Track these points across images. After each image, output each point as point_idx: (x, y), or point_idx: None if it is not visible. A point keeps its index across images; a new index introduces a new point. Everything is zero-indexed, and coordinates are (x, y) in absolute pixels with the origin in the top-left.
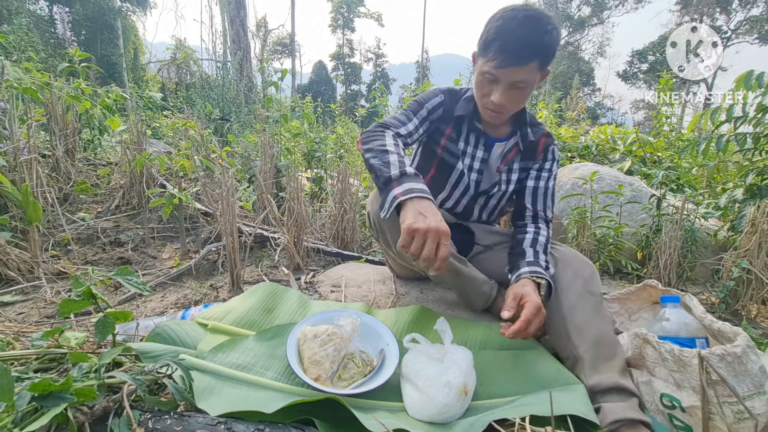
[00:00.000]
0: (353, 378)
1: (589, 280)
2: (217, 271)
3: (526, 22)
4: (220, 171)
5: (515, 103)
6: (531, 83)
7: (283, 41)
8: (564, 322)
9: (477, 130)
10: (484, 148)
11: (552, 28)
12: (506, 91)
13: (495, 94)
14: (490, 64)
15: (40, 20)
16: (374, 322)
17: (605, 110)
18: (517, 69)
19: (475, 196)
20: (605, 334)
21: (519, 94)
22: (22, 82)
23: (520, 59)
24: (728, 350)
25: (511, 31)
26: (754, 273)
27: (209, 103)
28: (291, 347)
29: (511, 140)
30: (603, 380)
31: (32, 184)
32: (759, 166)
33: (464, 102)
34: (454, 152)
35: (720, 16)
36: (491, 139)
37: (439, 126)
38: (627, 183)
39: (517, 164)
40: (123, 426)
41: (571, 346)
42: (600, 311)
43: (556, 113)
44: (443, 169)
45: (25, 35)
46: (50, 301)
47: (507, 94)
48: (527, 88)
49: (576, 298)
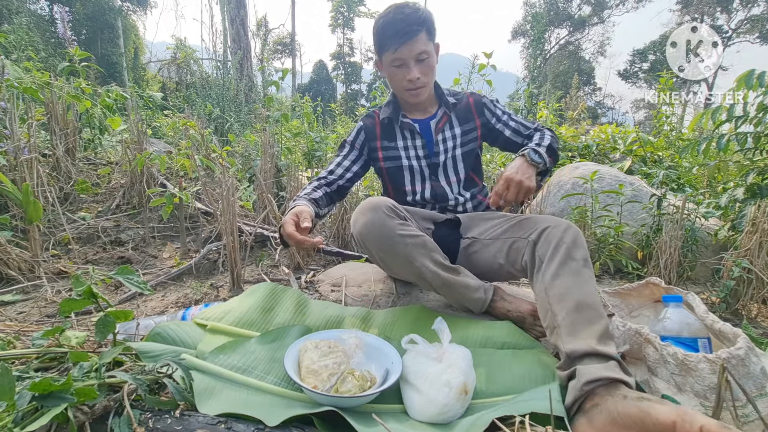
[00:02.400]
0: (350, 392)
1: (571, 245)
2: (218, 270)
3: (399, 8)
4: (220, 170)
5: (426, 73)
6: (431, 52)
7: (283, 41)
8: (546, 291)
9: (406, 124)
10: (420, 136)
11: (417, 5)
12: (415, 65)
13: (409, 73)
14: (391, 52)
15: (40, 20)
16: (380, 342)
17: (606, 110)
18: (411, 42)
19: (433, 176)
20: (586, 297)
21: (426, 64)
22: (23, 81)
23: (409, 34)
24: (732, 353)
25: (391, 20)
26: (755, 272)
27: (209, 102)
28: (290, 355)
29: (438, 112)
30: (580, 345)
31: (33, 183)
32: (760, 165)
33: (385, 108)
34: (395, 156)
35: (721, 16)
36: (423, 123)
37: (369, 144)
38: (627, 182)
39: (456, 129)
40: (123, 425)
41: (551, 314)
42: (582, 275)
43: (557, 113)
44: (395, 173)
45: (25, 34)
46: (51, 300)
47: (418, 68)
48: (429, 58)
49: (558, 266)
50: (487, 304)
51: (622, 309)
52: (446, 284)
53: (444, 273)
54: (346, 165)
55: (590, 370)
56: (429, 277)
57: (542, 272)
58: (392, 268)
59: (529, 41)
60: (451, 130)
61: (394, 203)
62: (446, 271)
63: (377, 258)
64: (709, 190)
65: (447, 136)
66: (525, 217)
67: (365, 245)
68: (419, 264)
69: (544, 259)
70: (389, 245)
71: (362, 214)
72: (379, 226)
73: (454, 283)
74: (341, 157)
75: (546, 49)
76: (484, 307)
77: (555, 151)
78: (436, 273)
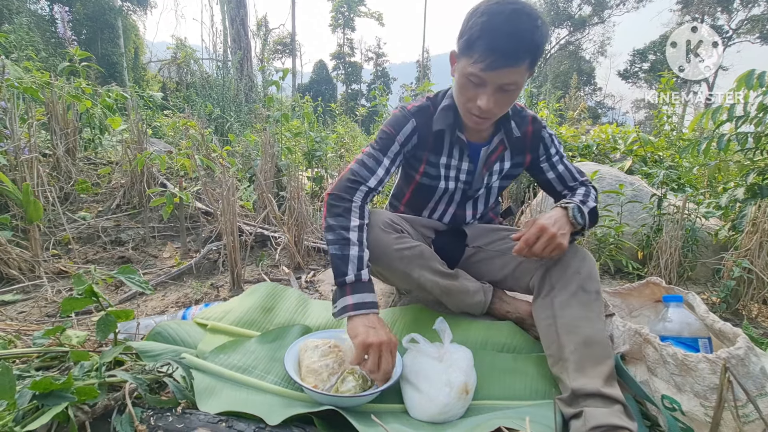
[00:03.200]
0: (351, 391)
1: (586, 277)
2: (218, 270)
3: (515, 18)
4: (220, 170)
5: (503, 107)
6: (520, 85)
7: (283, 40)
8: (554, 319)
9: (460, 142)
10: (468, 159)
11: (542, 23)
12: (494, 94)
13: (482, 99)
14: (477, 66)
15: (40, 20)
16: None
17: (606, 110)
18: (507, 71)
19: (462, 203)
20: (596, 334)
21: (507, 97)
22: (23, 81)
23: (511, 59)
24: (732, 353)
25: (498, 28)
26: (755, 273)
27: (209, 102)
28: (290, 354)
29: (494, 140)
30: (587, 384)
31: (33, 183)
32: (760, 165)
33: (442, 113)
34: (435, 175)
35: (721, 16)
36: (475, 147)
37: (415, 153)
38: (628, 182)
39: (506, 163)
40: (125, 423)
41: (558, 344)
42: (593, 309)
43: (557, 113)
44: (425, 191)
45: (25, 34)
46: (51, 299)
47: (494, 98)
48: (516, 90)
49: (569, 296)
50: (487, 307)
51: (623, 309)
52: (445, 291)
53: (442, 280)
54: (394, 170)
55: (597, 414)
56: (428, 287)
57: (551, 298)
58: (392, 280)
59: None
60: (501, 163)
61: (390, 217)
62: (444, 278)
63: (376, 273)
64: (709, 190)
65: (495, 170)
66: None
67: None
68: (417, 275)
69: (556, 286)
70: (387, 261)
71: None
72: (374, 245)
73: (453, 289)
74: (391, 159)
75: (546, 48)
76: (485, 309)
77: (596, 216)
78: (434, 282)
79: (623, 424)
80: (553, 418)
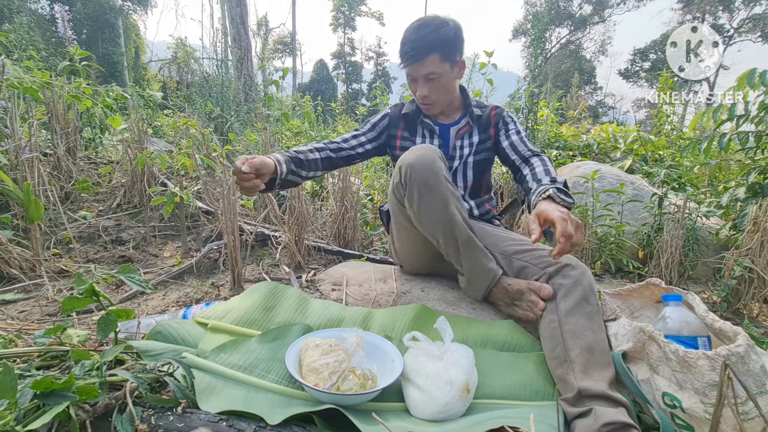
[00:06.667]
0: (352, 390)
1: (588, 290)
2: (219, 269)
3: (418, 26)
4: (221, 170)
5: (437, 92)
6: (442, 73)
7: (284, 40)
8: (559, 323)
9: (427, 125)
10: (439, 137)
11: (442, 24)
12: (424, 84)
13: (418, 89)
14: (402, 66)
15: (41, 19)
16: (380, 340)
17: (607, 109)
18: (418, 64)
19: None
20: (599, 343)
21: (436, 84)
22: (23, 81)
23: (417, 56)
24: (732, 350)
25: (407, 38)
26: (756, 272)
27: (210, 101)
28: (291, 353)
29: (462, 120)
30: (593, 386)
31: (34, 182)
32: (761, 164)
33: (408, 103)
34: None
35: (722, 15)
36: (445, 127)
37: (389, 131)
38: (628, 182)
39: (474, 138)
40: (126, 422)
41: (564, 347)
42: (595, 321)
43: (557, 112)
44: None
45: (26, 34)
46: (52, 299)
47: (426, 86)
48: (441, 77)
49: (574, 304)
50: (494, 282)
51: (624, 310)
52: (468, 242)
53: (469, 231)
54: (362, 141)
55: (607, 412)
56: (457, 229)
57: (556, 303)
58: (425, 209)
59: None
60: (470, 138)
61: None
62: (471, 230)
63: (415, 196)
64: (710, 189)
65: (464, 144)
66: (540, 247)
67: (411, 177)
68: (453, 210)
69: (559, 292)
70: (434, 182)
71: (416, 150)
72: (430, 162)
73: (474, 245)
74: (360, 132)
75: (547, 48)
76: (492, 282)
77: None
78: (464, 226)
79: (631, 422)
80: (556, 418)
